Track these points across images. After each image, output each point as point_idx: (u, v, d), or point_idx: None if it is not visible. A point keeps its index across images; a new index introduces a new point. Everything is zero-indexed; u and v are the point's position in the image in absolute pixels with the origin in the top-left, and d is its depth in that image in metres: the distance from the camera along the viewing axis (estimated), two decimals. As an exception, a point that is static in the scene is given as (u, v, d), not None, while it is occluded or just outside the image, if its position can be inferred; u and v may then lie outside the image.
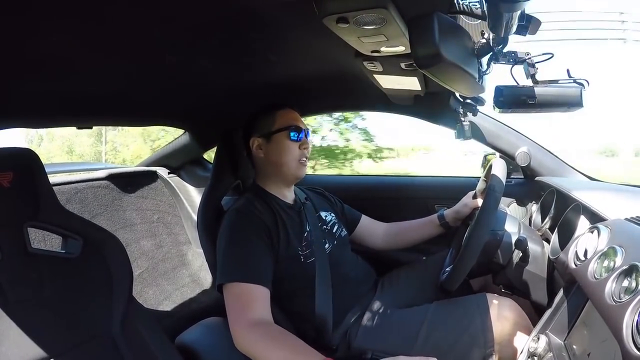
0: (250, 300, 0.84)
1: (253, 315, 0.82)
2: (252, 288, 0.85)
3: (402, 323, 0.96)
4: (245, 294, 0.84)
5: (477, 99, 1.07)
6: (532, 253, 0.93)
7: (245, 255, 0.89)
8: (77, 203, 1.44)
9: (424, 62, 0.54)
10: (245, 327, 0.80)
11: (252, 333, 0.79)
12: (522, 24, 0.61)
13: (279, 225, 0.96)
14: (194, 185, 1.78)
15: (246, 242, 0.91)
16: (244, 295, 0.84)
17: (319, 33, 0.62)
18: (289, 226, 0.98)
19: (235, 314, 0.83)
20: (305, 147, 1.04)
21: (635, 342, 0.44)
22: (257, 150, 1.05)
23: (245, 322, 0.81)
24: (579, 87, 0.78)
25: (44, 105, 0.94)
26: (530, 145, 1.33)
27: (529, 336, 0.78)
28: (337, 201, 1.25)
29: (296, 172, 1.03)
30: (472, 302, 0.94)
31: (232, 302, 0.84)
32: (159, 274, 1.62)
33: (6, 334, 0.68)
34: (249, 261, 0.88)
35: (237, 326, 0.81)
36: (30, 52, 0.63)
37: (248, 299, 0.84)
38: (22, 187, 0.73)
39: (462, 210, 1.17)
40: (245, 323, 0.81)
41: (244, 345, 0.80)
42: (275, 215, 0.97)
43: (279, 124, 1.02)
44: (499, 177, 0.94)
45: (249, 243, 0.91)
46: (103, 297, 0.81)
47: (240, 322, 0.81)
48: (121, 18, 0.57)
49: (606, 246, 0.63)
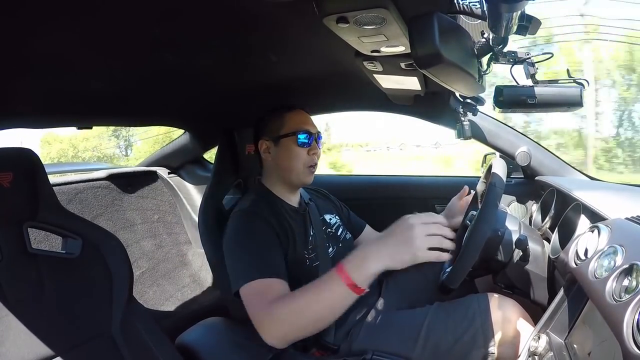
0: (271, 293, 0.80)
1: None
2: (271, 282, 0.82)
3: (403, 324, 0.96)
4: (265, 289, 0.81)
5: (477, 98, 1.07)
6: (533, 252, 0.93)
7: (258, 252, 0.87)
8: (77, 203, 1.44)
9: (424, 62, 0.54)
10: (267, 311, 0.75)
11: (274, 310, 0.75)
12: (522, 24, 0.62)
13: (286, 229, 0.95)
14: (194, 185, 1.78)
15: (256, 240, 0.89)
16: (264, 290, 0.81)
17: (319, 33, 0.62)
18: (295, 230, 0.97)
19: (258, 307, 0.78)
20: (314, 153, 1.01)
21: (635, 341, 0.44)
22: (265, 153, 1.03)
23: (267, 308, 0.76)
24: (578, 87, 0.78)
25: (44, 105, 0.94)
26: (530, 144, 1.33)
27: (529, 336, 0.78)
28: (343, 206, 1.24)
29: (303, 178, 1.01)
30: (473, 303, 0.94)
31: (252, 300, 0.80)
32: (160, 274, 1.62)
33: (6, 334, 0.68)
34: (263, 257, 0.86)
35: (260, 316, 0.76)
36: (30, 51, 0.63)
37: (268, 292, 0.80)
38: (22, 187, 0.73)
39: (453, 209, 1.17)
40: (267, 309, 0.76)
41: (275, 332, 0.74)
42: (282, 219, 0.96)
43: (288, 128, 1.00)
44: (500, 176, 0.94)
45: (260, 240, 0.89)
46: (103, 297, 0.81)
47: (262, 311, 0.76)
48: (121, 17, 0.57)
49: (606, 245, 0.63)
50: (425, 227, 0.68)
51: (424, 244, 0.67)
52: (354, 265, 0.70)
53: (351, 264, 0.70)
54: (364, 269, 0.69)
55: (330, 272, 0.71)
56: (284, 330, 0.75)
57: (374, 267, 0.68)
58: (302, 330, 0.76)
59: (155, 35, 0.65)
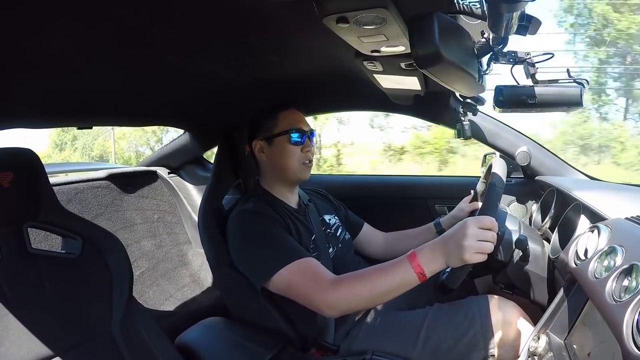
0: (314, 269, 0.84)
1: (326, 277, 0.83)
2: (306, 261, 0.85)
3: (403, 324, 0.96)
4: (305, 267, 0.85)
5: (477, 98, 1.07)
6: (533, 252, 0.93)
7: (280, 241, 0.89)
8: (77, 203, 1.44)
9: (424, 62, 0.54)
10: (329, 288, 0.80)
11: (338, 288, 0.80)
12: (523, 24, 0.61)
13: (290, 228, 0.96)
14: (194, 185, 1.78)
15: (272, 232, 0.90)
16: (304, 269, 0.84)
17: (319, 33, 0.62)
18: (298, 230, 0.98)
19: (311, 286, 0.82)
20: (308, 150, 1.02)
21: (635, 341, 0.44)
22: (260, 154, 1.04)
23: (326, 285, 0.81)
24: (578, 87, 0.78)
25: (44, 105, 0.94)
26: (530, 144, 1.33)
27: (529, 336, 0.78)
28: (341, 206, 1.25)
29: (299, 174, 1.02)
30: (473, 304, 0.94)
31: (298, 281, 0.84)
32: (160, 274, 1.62)
33: (6, 334, 0.68)
34: (286, 244, 0.89)
35: (321, 295, 0.81)
36: (31, 52, 0.63)
37: (310, 269, 0.84)
38: (22, 187, 0.73)
39: (458, 215, 1.16)
40: (327, 286, 0.81)
41: (338, 303, 0.80)
42: (285, 219, 0.97)
43: (281, 127, 1.00)
44: (500, 176, 0.94)
45: (275, 231, 0.91)
46: (103, 297, 0.81)
47: (321, 291, 0.81)
48: (121, 17, 0.57)
49: (606, 245, 0.63)
50: (479, 233, 0.73)
51: (474, 248, 0.72)
52: (424, 256, 0.76)
53: (422, 254, 0.76)
54: (432, 262, 0.75)
55: (402, 258, 0.78)
56: (349, 303, 0.81)
57: (440, 262, 0.75)
58: (364, 303, 0.84)
59: (155, 35, 0.65)
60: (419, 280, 0.76)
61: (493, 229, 0.74)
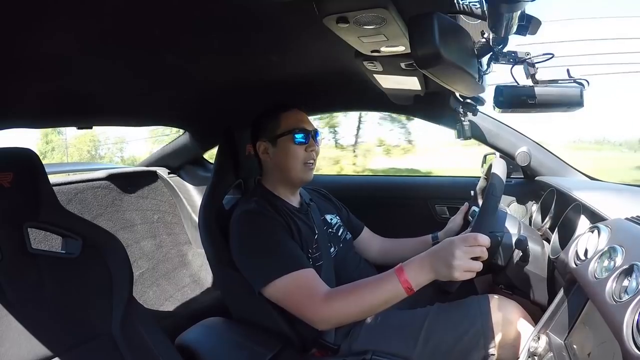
0: (309, 283, 0.86)
1: (319, 291, 0.84)
2: (303, 273, 0.86)
3: (403, 324, 0.96)
4: (301, 281, 0.86)
5: (477, 98, 1.07)
6: (533, 253, 0.93)
7: (279, 247, 0.89)
8: (77, 203, 1.44)
9: (424, 62, 0.54)
10: (321, 304, 0.82)
11: (330, 303, 0.82)
12: (523, 24, 0.61)
13: (292, 228, 0.96)
14: (194, 185, 1.78)
15: (273, 236, 0.90)
16: (300, 282, 0.85)
17: (319, 33, 0.62)
18: (300, 230, 0.98)
19: (304, 301, 0.84)
20: (311, 150, 1.02)
21: (635, 341, 0.44)
22: (264, 155, 1.04)
23: (318, 301, 0.83)
24: (579, 87, 0.78)
25: (44, 105, 0.94)
26: (530, 145, 1.33)
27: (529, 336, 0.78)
28: (343, 207, 1.25)
29: (303, 175, 1.02)
30: (474, 304, 0.94)
31: (292, 294, 0.86)
32: (160, 275, 1.62)
33: (6, 334, 0.68)
34: (285, 251, 0.89)
35: (313, 310, 0.83)
36: (30, 52, 0.63)
37: (306, 283, 0.85)
38: (23, 187, 0.73)
39: (452, 228, 1.17)
40: (319, 302, 0.82)
41: (330, 318, 0.83)
42: (287, 218, 0.97)
43: (284, 127, 1.00)
44: (499, 177, 0.94)
45: (276, 236, 0.91)
46: (103, 297, 0.81)
47: (313, 306, 0.83)
48: (121, 17, 0.57)
49: (606, 246, 0.63)
50: (468, 250, 0.74)
51: (463, 267, 0.73)
52: (412, 271, 0.77)
53: (410, 269, 0.78)
54: (420, 275, 0.77)
55: (389, 272, 0.80)
56: (340, 318, 0.84)
57: (428, 276, 0.77)
58: (354, 317, 0.85)
59: (155, 35, 0.65)
60: (407, 293, 0.77)
61: (482, 244, 0.74)
